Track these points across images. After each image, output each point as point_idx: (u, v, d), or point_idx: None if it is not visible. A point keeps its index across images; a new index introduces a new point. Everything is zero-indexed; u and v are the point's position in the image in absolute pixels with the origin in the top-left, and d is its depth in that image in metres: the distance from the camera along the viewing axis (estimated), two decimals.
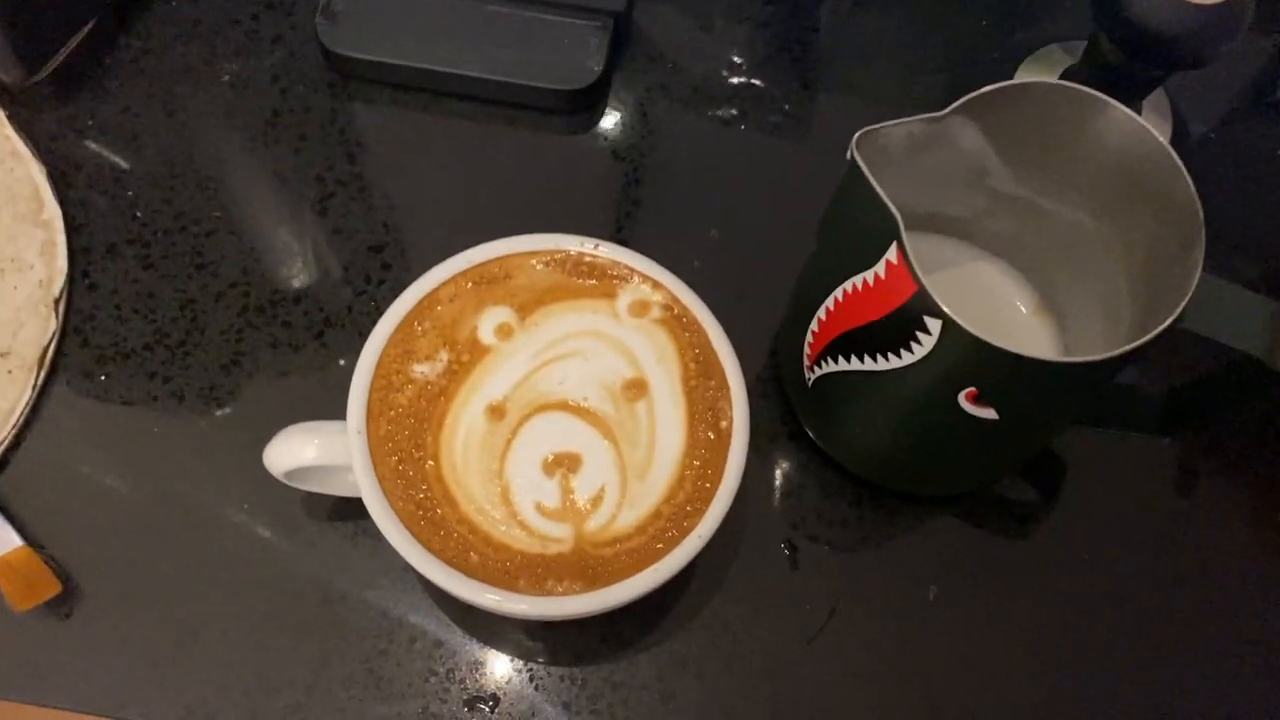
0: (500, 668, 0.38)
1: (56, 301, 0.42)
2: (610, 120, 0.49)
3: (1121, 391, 0.43)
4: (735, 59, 0.52)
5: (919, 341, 0.32)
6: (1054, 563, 0.41)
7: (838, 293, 0.35)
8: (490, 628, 0.38)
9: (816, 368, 0.38)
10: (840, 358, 0.36)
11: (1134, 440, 0.43)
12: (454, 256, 0.36)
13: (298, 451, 0.34)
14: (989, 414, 0.33)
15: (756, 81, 0.51)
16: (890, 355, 0.33)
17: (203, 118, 0.48)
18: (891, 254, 0.31)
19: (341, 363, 0.43)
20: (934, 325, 0.31)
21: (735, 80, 0.51)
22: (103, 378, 0.42)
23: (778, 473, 0.42)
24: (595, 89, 0.48)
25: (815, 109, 0.51)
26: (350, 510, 0.39)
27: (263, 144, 0.47)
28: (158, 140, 0.47)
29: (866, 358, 0.34)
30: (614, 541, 0.32)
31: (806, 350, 0.38)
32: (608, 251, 0.37)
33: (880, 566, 0.40)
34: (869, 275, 0.33)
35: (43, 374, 0.41)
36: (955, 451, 0.37)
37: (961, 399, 0.33)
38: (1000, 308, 0.42)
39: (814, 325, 0.37)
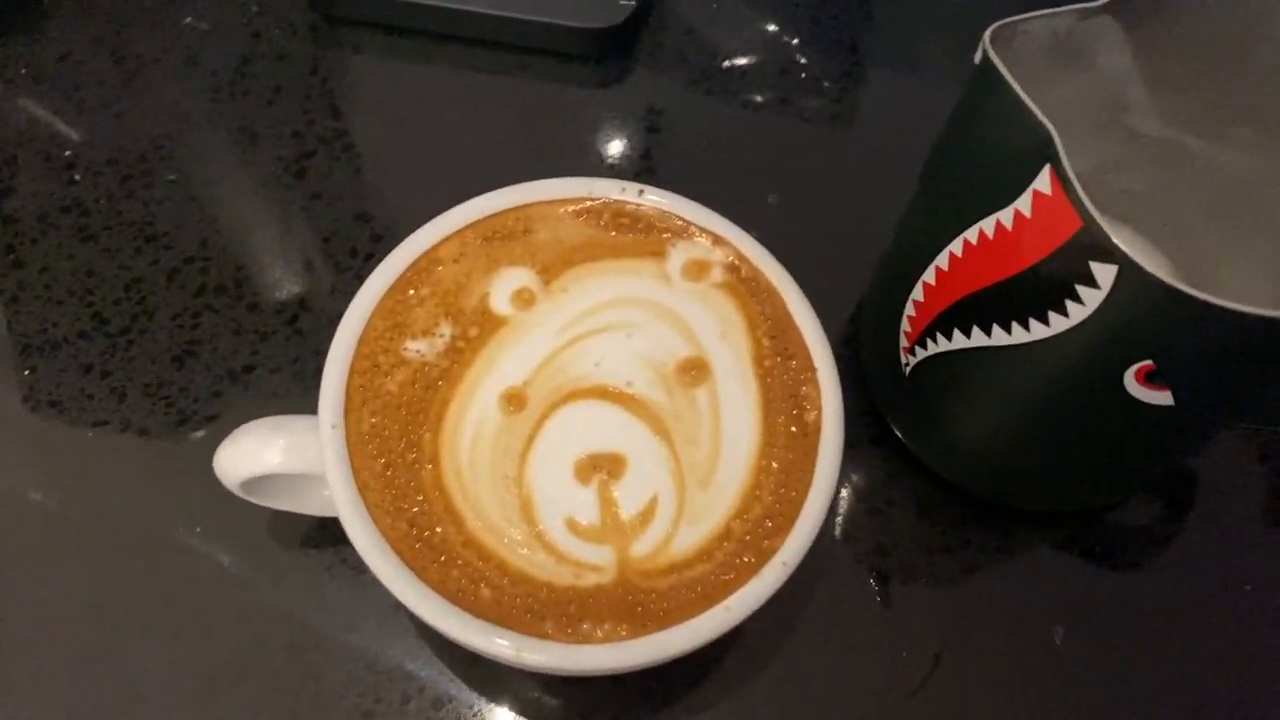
0: None
1: None
2: (644, 68, 0.46)
3: None
4: (788, 7, 0.48)
5: (1079, 299, 0.25)
6: (1207, 597, 0.35)
7: (955, 246, 0.29)
8: (503, 682, 0.33)
9: (919, 349, 0.32)
10: (956, 332, 0.30)
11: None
12: (460, 205, 0.31)
13: (257, 455, 0.29)
14: (1162, 399, 0.26)
15: (815, 30, 0.47)
16: (1034, 322, 0.27)
17: (158, 65, 0.46)
18: (1042, 181, 0.25)
19: (319, 353, 0.38)
20: (1104, 274, 0.24)
21: (790, 34, 0.47)
22: (27, 372, 0.38)
23: (860, 487, 0.36)
24: (627, 29, 0.44)
25: (883, 56, 0.47)
26: (328, 534, 0.35)
27: (229, 96, 0.45)
28: (104, 92, 0.44)
29: (996, 329, 0.28)
30: (670, 570, 0.27)
31: (905, 328, 0.32)
32: (656, 199, 0.32)
33: (993, 602, 0.35)
34: (1005, 216, 0.26)
35: None
36: (1105, 453, 0.31)
37: (1129, 378, 0.26)
38: None
39: (917, 294, 0.31)
